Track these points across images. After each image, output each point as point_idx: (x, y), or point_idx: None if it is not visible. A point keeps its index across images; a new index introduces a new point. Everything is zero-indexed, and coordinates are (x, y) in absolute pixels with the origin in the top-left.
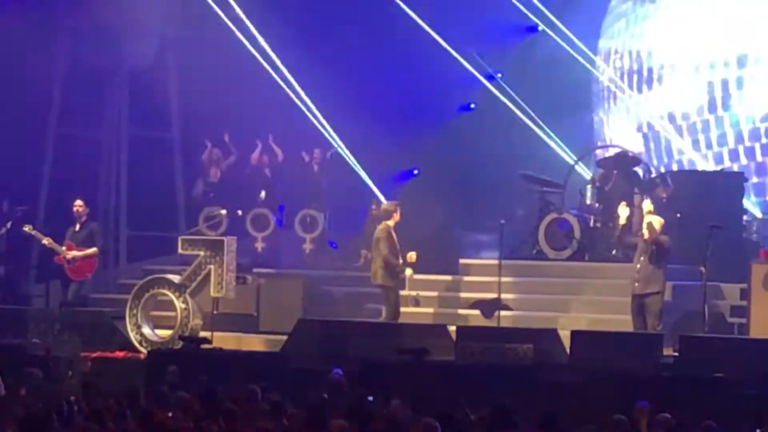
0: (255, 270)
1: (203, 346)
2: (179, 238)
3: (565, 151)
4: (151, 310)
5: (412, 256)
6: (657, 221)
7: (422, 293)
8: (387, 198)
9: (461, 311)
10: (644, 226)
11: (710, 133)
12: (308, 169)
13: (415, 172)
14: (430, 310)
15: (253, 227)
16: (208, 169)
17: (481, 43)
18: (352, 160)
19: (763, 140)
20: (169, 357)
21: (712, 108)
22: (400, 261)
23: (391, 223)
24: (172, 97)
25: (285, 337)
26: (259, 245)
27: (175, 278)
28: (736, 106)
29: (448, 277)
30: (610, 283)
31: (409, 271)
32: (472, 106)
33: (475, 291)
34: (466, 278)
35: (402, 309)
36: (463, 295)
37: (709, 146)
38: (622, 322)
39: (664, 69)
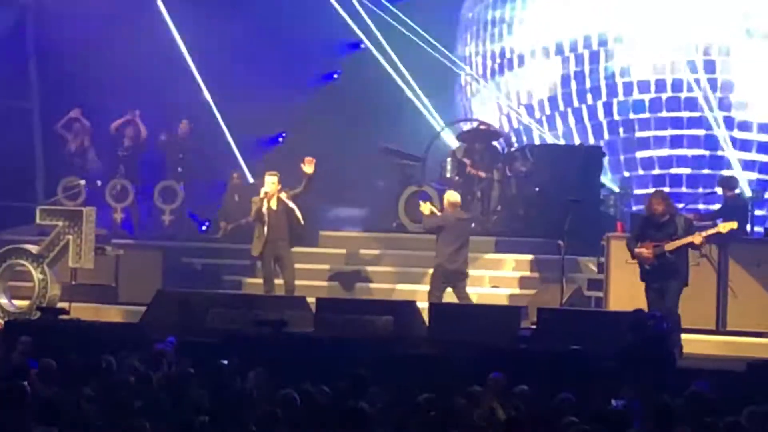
0: (114, 241)
1: (61, 317)
2: (37, 208)
3: (433, 117)
4: (8, 280)
5: None
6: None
7: None
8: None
9: (321, 283)
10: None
11: (563, 112)
12: (171, 141)
13: (280, 139)
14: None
15: (112, 198)
16: (74, 140)
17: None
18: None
19: (616, 117)
20: (26, 327)
21: (566, 86)
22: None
23: None
24: (31, 65)
25: (144, 309)
26: (118, 216)
27: (33, 248)
28: (589, 84)
29: (308, 249)
30: (470, 257)
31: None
32: (335, 76)
33: (334, 263)
34: (326, 250)
35: (254, 281)
36: (322, 267)
37: (562, 124)
38: (481, 295)
39: (523, 55)
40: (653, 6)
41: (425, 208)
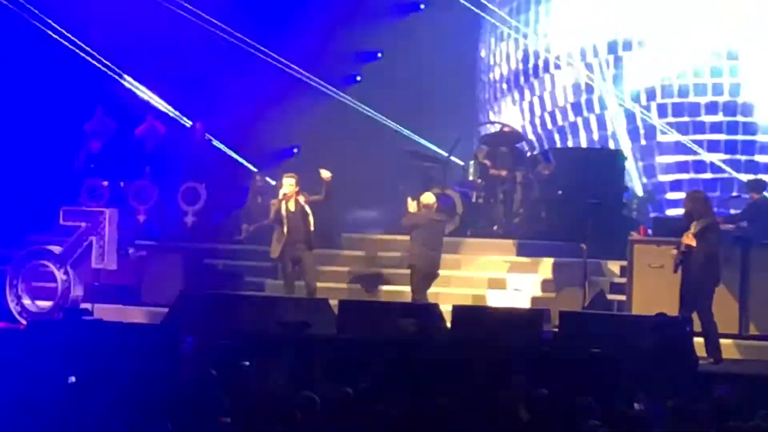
0: (137, 242)
1: (84, 318)
2: (61, 209)
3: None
4: (31, 281)
5: None
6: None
7: None
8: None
9: (342, 285)
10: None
11: (590, 118)
12: (190, 142)
13: (295, 150)
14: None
15: (135, 199)
16: (90, 140)
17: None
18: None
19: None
20: (49, 328)
21: (589, 92)
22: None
23: None
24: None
25: (166, 310)
26: (141, 217)
27: (57, 249)
28: (615, 90)
29: (330, 251)
30: (492, 259)
31: None
32: (358, 78)
33: (356, 265)
34: (348, 252)
35: (276, 282)
36: (344, 269)
37: (589, 130)
38: (503, 298)
39: (549, 60)
40: (676, 10)
41: (411, 206)
